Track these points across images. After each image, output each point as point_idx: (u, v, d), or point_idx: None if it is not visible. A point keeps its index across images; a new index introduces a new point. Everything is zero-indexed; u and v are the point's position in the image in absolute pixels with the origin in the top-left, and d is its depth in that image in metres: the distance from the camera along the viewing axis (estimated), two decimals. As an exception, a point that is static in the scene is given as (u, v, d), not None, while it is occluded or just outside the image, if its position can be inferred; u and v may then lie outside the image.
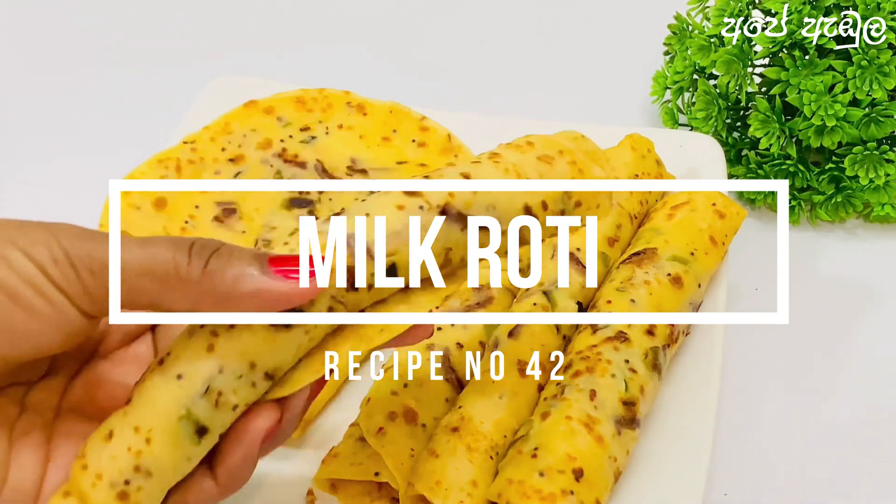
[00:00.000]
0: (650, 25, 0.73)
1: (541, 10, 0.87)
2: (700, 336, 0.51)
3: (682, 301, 0.50)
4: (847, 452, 0.51)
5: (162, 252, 0.30)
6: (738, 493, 0.49)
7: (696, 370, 0.50)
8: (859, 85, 0.56)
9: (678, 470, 0.46)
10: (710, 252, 0.53)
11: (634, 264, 0.51)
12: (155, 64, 0.82)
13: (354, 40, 0.84)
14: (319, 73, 0.76)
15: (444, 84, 0.79)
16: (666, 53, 0.71)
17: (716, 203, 0.54)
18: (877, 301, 0.59)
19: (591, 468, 0.43)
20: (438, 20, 0.86)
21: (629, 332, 0.48)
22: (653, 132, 0.61)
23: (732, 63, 0.61)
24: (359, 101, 0.68)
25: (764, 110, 0.60)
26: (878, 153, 0.59)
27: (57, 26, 0.87)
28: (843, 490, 0.50)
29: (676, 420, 0.48)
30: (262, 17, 0.88)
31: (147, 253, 0.30)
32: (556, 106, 0.75)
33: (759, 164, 0.63)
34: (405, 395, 0.48)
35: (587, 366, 0.46)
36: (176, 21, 0.88)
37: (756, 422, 0.53)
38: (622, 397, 0.46)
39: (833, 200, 0.62)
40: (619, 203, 0.55)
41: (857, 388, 0.54)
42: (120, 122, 0.75)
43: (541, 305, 0.50)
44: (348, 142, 0.65)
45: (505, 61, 0.81)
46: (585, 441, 0.43)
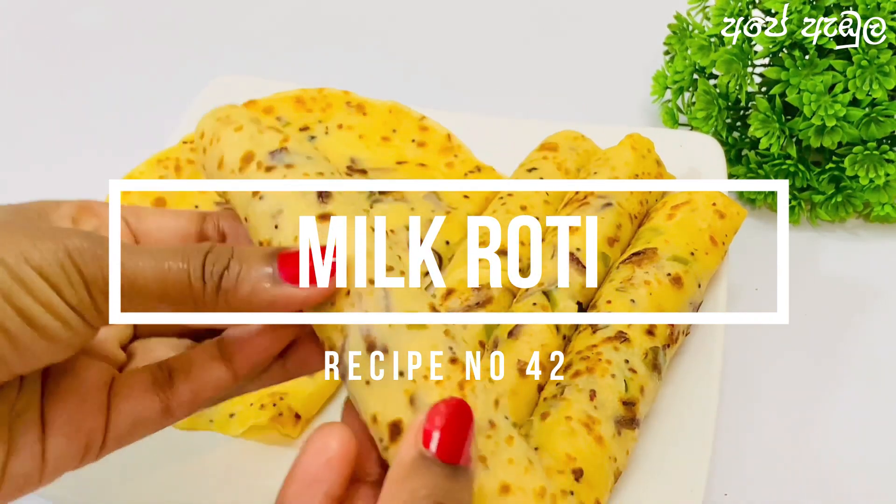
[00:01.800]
0: (650, 25, 0.73)
1: (541, 10, 0.87)
2: (700, 336, 0.51)
3: (682, 301, 0.50)
4: (847, 452, 0.51)
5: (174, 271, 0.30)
6: (738, 493, 0.49)
7: (696, 370, 0.50)
8: (859, 85, 0.56)
9: (678, 470, 0.46)
10: (710, 252, 0.53)
11: (634, 264, 0.51)
12: (155, 64, 0.82)
13: (354, 40, 0.84)
14: (319, 73, 0.76)
15: (444, 84, 0.79)
16: (666, 53, 0.71)
17: (716, 203, 0.54)
18: (877, 301, 0.59)
19: (591, 468, 0.43)
20: (438, 20, 0.86)
21: (629, 332, 0.48)
22: (653, 132, 0.61)
23: (732, 63, 0.61)
24: (358, 101, 0.68)
25: (764, 110, 0.60)
26: (878, 153, 0.59)
27: (57, 26, 0.87)
28: (843, 490, 0.50)
29: (676, 420, 0.48)
30: (261, 17, 0.88)
31: (159, 271, 0.30)
32: (557, 106, 0.75)
33: (759, 164, 0.63)
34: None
35: (587, 366, 0.46)
36: (176, 21, 0.88)
37: (756, 422, 0.53)
38: (622, 397, 0.46)
39: (833, 200, 0.62)
40: (618, 203, 0.55)
41: (857, 388, 0.54)
42: (120, 122, 0.75)
43: (541, 305, 0.50)
44: (348, 141, 0.65)
45: (505, 61, 0.81)
46: (585, 441, 0.43)
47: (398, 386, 0.30)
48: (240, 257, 0.31)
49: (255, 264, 0.31)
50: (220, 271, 0.31)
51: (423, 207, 0.60)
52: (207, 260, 0.31)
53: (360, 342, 0.31)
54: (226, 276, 0.31)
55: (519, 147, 0.62)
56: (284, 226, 0.33)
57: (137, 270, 0.30)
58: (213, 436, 0.49)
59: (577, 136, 0.62)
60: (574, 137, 0.62)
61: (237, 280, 0.31)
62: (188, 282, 0.30)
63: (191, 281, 0.30)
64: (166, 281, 0.30)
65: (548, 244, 0.54)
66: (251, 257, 0.31)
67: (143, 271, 0.30)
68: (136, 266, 0.30)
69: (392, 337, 0.31)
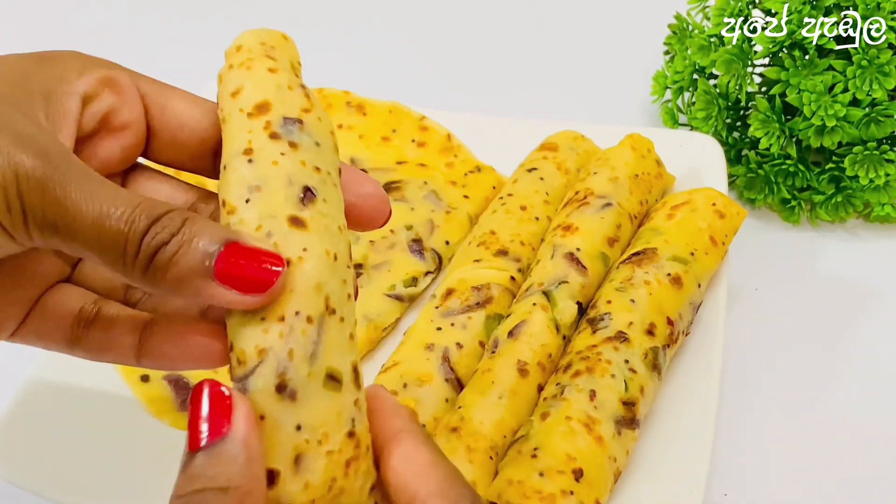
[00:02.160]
0: (650, 25, 0.73)
1: (541, 10, 0.87)
2: (700, 336, 0.51)
3: (682, 301, 0.50)
4: (847, 452, 0.51)
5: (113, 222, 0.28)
6: (738, 493, 0.49)
7: (696, 370, 0.50)
8: (859, 85, 0.56)
9: (678, 470, 0.46)
10: (710, 252, 0.52)
11: (634, 264, 0.51)
12: (155, 64, 0.82)
13: (354, 40, 0.84)
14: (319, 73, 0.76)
15: (444, 84, 0.79)
16: (666, 53, 0.71)
17: (716, 203, 0.54)
18: (877, 301, 0.59)
19: (591, 468, 0.43)
20: (438, 20, 0.86)
21: (629, 332, 0.48)
22: (653, 132, 0.61)
23: (732, 63, 0.61)
24: (358, 101, 0.68)
25: (764, 110, 0.60)
26: (878, 153, 0.59)
27: (57, 26, 0.87)
28: (843, 490, 0.50)
29: (676, 420, 0.48)
30: (261, 16, 0.88)
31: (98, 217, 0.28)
32: (556, 106, 0.75)
33: (759, 163, 0.63)
34: (405, 395, 0.48)
35: (587, 366, 0.46)
36: (176, 21, 0.88)
37: (756, 422, 0.53)
38: (622, 397, 0.46)
39: (833, 200, 0.62)
40: (618, 203, 0.55)
41: (857, 388, 0.54)
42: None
43: (541, 305, 0.50)
44: (348, 142, 0.65)
45: (505, 61, 0.81)
46: (585, 441, 0.43)
47: (290, 438, 0.29)
48: (189, 231, 0.29)
49: (198, 246, 0.28)
50: (158, 244, 0.28)
51: (423, 207, 0.60)
52: (155, 225, 0.28)
53: (271, 377, 0.29)
54: (162, 250, 0.28)
55: (519, 147, 0.62)
56: (255, 207, 0.30)
57: (76, 208, 0.28)
58: (212, 436, 0.49)
59: (577, 136, 0.62)
60: (574, 137, 0.62)
61: (169, 260, 0.28)
62: (122, 243, 0.28)
63: (126, 243, 0.28)
64: (101, 230, 0.28)
65: (548, 244, 0.54)
66: (199, 234, 0.29)
67: (81, 212, 0.28)
68: (77, 203, 0.28)
69: (306, 388, 0.29)
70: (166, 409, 0.50)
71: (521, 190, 0.58)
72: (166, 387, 0.51)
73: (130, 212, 0.28)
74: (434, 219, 0.59)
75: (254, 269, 0.28)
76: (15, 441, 0.49)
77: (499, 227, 0.56)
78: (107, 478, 0.47)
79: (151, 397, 0.51)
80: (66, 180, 0.28)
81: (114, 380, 0.51)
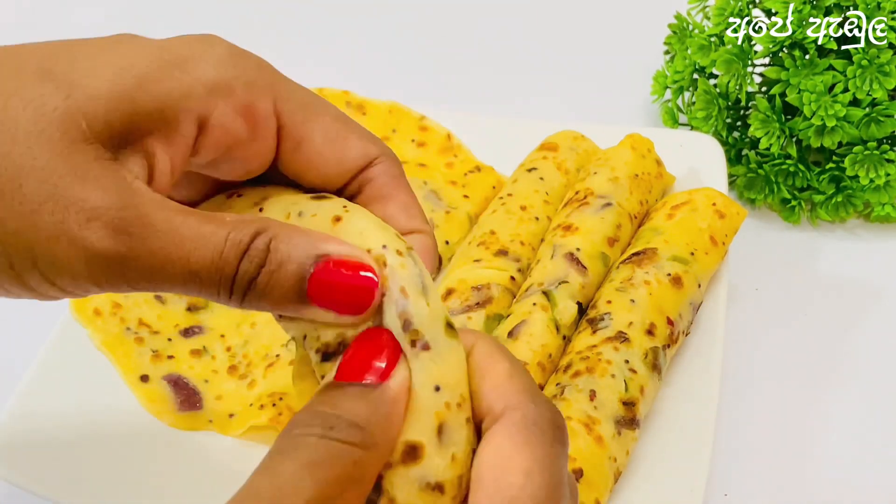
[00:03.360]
0: (650, 25, 0.73)
1: (541, 10, 0.87)
2: (700, 336, 0.51)
3: (682, 301, 0.50)
4: (847, 452, 0.51)
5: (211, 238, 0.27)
6: (738, 493, 0.49)
7: (696, 370, 0.50)
8: (859, 85, 0.56)
9: (678, 470, 0.46)
10: (710, 252, 0.52)
11: (634, 264, 0.51)
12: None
13: (354, 39, 0.84)
14: (319, 72, 0.76)
15: (444, 84, 0.79)
16: (666, 53, 0.71)
17: (716, 203, 0.54)
18: (877, 301, 0.59)
19: (591, 468, 0.43)
20: (438, 19, 0.86)
21: (629, 332, 0.48)
22: (653, 132, 0.61)
23: (732, 63, 0.61)
24: (358, 101, 0.68)
25: (764, 110, 0.60)
26: (879, 153, 0.59)
27: (56, 26, 0.87)
28: (843, 490, 0.50)
29: (676, 420, 0.48)
30: (261, 16, 0.88)
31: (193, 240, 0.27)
32: (557, 106, 0.75)
33: (759, 163, 0.63)
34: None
35: (587, 366, 0.46)
36: (175, 21, 0.88)
37: (756, 422, 0.53)
38: (622, 397, 0.46)
39: (833, 200, 0.62)
40: (618, 203, 0.55)
41: (857, 388, 0.54)
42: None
43: (540, 305, 0.50)
44: (348, 141, 0.65)
45: (505, 61, 0.81)
46: (585, 441, 0.43)
47: (431, 402, 0.26)
48: (276, 258, 0.27)
49: (288, 272, 0.27)
50: (250, 280, 0.27)
51: (423, 207, 0.60)
52: (243, 261, 0.27)
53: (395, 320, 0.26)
54: (253, 285, 0.27)
55: (519, 147, 0.62)
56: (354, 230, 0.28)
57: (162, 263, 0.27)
58: (212, 436, 0.49)
59: (577, 136, 0.62)
60: (574, 137, 0.62)
61: (263, 292, 0.27)
62: (216, 285, 0.28)
63: (219, 285, 0.28)
64: (190, 276, 0.27)
65: (547, 244, 0.54)
66: (286, 259, 0.27)
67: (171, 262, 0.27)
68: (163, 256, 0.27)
69: (435, 335, 0.26)
70: (166, 409, 0.50)
71: (520, 190, 0.58)
72: (166, 387, 0.51)
73: (220, 251, 0.27)
74: (434, 218, 0.59)
75: (347, 288, 0.27)
76: (15, 441, 0.49)
77: (499, 226, 0.56)
78: (107, 478, 0.47)
79: (151, 397, 0.51)
80: (145, 243, 0.27)
81: (114, 380, 0.51)
